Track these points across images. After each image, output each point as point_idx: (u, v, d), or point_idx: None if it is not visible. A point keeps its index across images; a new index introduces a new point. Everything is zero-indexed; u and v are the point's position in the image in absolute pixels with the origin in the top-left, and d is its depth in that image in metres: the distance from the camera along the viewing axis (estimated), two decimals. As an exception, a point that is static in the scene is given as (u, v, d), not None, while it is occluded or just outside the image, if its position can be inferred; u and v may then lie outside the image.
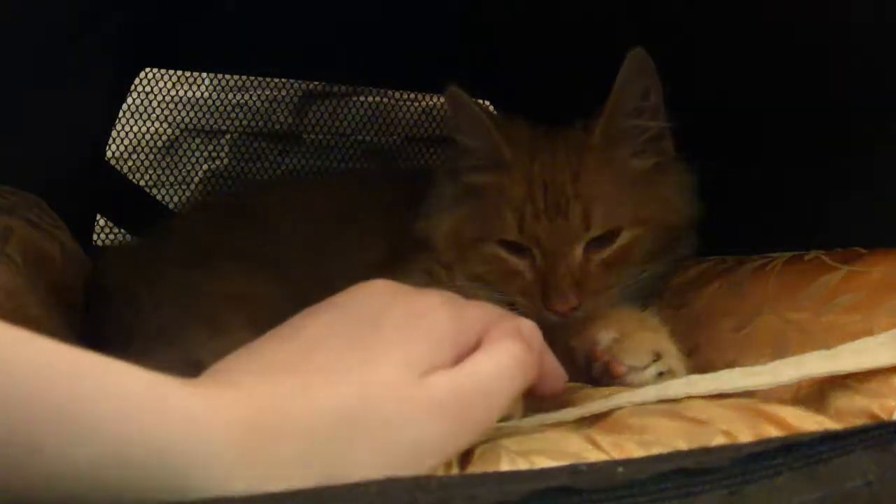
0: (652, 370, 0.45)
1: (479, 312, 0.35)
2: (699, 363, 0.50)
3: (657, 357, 0.45)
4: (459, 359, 0.32)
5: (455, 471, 0.28)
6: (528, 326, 0.36)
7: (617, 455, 0.29)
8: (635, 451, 0.30)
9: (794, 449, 0.28)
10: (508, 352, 0.33)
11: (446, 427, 0.29)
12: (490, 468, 0.27)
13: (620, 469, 0.25)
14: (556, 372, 0.38)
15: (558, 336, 0.56)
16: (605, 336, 0.48)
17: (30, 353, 0.23)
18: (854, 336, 0.41)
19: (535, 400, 0.38)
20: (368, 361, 0.30)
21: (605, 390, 0.43)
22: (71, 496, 0.23)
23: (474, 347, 0.33)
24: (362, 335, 0.31)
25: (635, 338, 0.47)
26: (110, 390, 0.24)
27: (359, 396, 0.28)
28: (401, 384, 0.29)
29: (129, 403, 0.24)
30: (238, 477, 0.25)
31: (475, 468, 0.28)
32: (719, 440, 0.31)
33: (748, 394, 0.37)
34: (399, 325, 0.32)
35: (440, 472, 0.28)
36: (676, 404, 0.37)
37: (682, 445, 0.30)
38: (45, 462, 0.22)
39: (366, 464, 0.27)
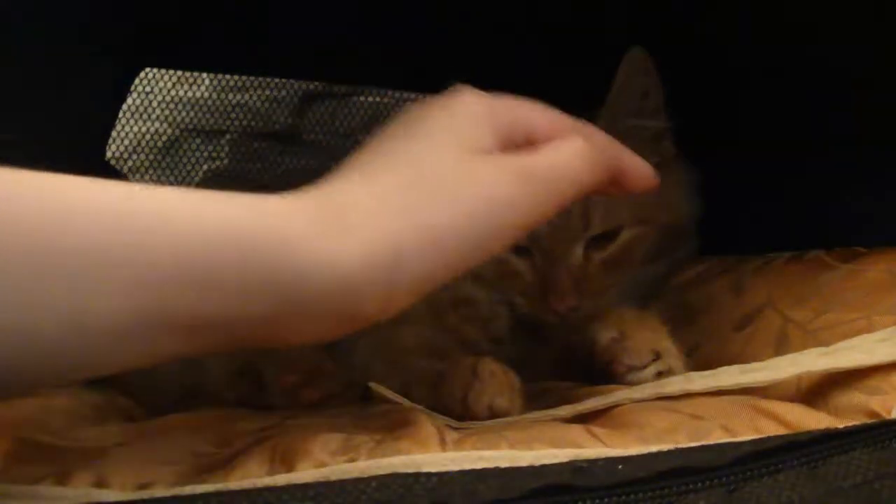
0: (651, 369, 0.45)
1: (515, 103, 0.34)
2: (699, 362, 0.50)
3: (657, 356, 0.45)
4: (506, 147, 0.32)
5: (450, 452, 0.28)
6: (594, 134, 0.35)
7: (616, 447, 0.29)
8: (634, 445, 0.30)
9: (794, 447, 0.28)
10: (575, 148, 0.32)
11: (515, 190, 0.30)
12: (490, 451, 0.27)
13: (621, 467, 0.25)
14: (639, 167, 0.38)
15: (558, 335, 0.56)
16: (604, 335, 0.48)
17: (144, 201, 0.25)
18: (854, 334, 0.41)
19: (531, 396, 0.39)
20: (422, 146, 0.30)
21: (603, 388, 0.43)
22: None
23: (523, 145, 0.33)
24: (410, 132, 0.32)
25: (635, 337, 0.47)
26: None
27: (422, 168, 0.29)
28: (459, 155, 0.30)
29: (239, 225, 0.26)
30: (323, 248, 0.26)
31: (476, 450, 0.28)
32: (718, 435, 0.31)
33: (748, 390, 0.37)
34: (440, 114, 0.32)
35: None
36: (675, 400, 0.37)
37: (681, 440, 0.30)
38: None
39: (448, 224, 0.28)
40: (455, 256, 0.28)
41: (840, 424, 0.32)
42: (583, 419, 0.37)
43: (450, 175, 0.29)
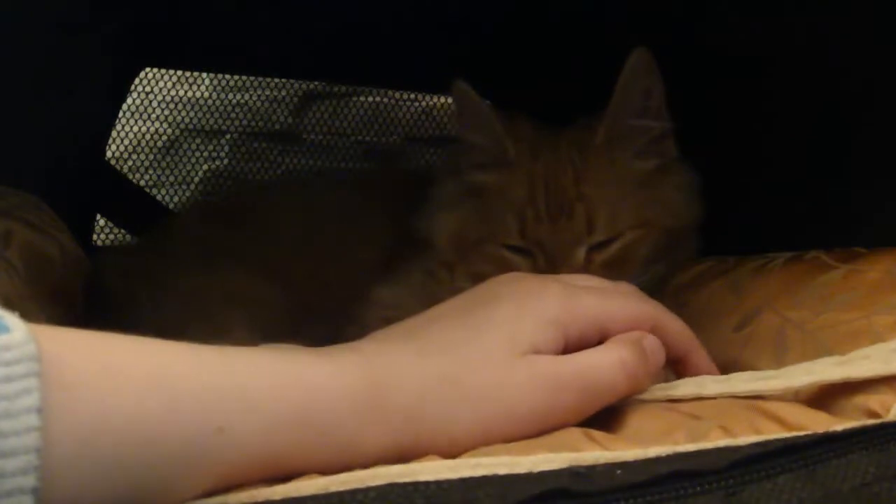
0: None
1: (595, 302, 0.37)
2: (713, 362, 0.50)
3: None
4: (571, 348, 0.34)
5: (449, 461, 0.28)
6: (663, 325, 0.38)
7: (614, 449, 0.29)
8: (631, 446, 0.30)
9: (793, 450, 0.28)
10: (619, 358, 0.34)
11: (539, 399, 0.32)
12: (488, 458, 0.27)
13: (619, 472, 0.25)
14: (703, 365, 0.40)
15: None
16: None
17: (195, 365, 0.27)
18: (853, 334, 0.41)
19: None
20: (475, 336, 0.33)
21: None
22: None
23: (594, 340, 0.35)
24: (476, 314, 0.34)
25: None
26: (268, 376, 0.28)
27: (462, 363, 0.32)
28: (500, 356, 0.32)
29: (281, 382, 0.28)
30: (363, 428, 0.29)
31: (473, 456, 0.28)
32: (716, 435, 0.31)
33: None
34: (509, 306, 0.35)
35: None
36: (675, 400, 0.37)
37: (679, 440, 0.30)
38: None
39: (466, 427, 0.31)
40: (470, 447, 0.31)
41: (839, 424, 0.32)
42: (580, 423, 0.37)
43: (485, 379, 0.32)
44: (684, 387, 0.38)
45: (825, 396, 0.37)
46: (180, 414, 0.25)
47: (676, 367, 0.40)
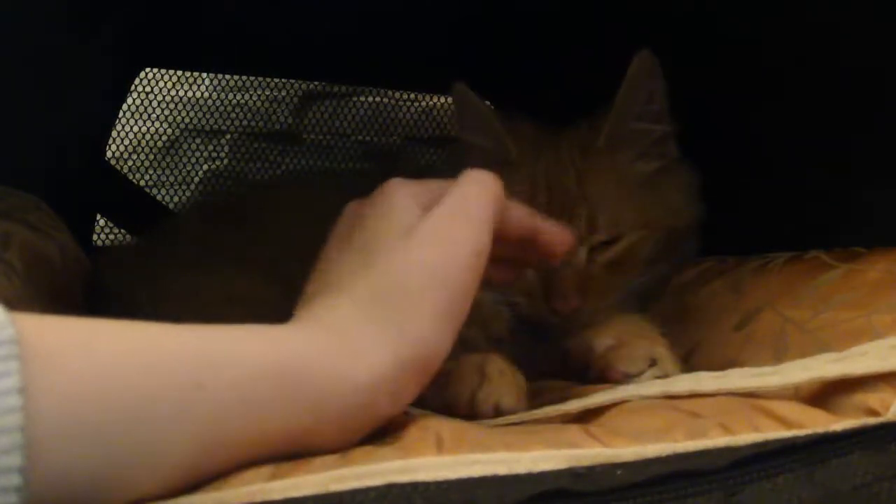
0: (648, 376, 0.45)
1: (437, 181, 0.40)
2: (699, 362, 0.50)
3: (653, 363, 0.45)
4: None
5: (447, 456, 0.28)
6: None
7: (614, 446, 0.29)
8: (630, 443, 0.29)
9: (793, 450, 0.28)
10: (464, 179, 0.38)
11: (440, 250, 0.35)
12: (486, 455, 0.27)
13: (619, 472, 0.25)
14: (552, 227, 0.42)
15: (558, 335, 0.56)
16: (600, 343, 0.48)
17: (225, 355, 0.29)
18: (852, 333, 0.41)
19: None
20: (369, 254, 0.36)
21: (608, 386, 0.43)
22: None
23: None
24: (359, 236, 0.38)
25: (631, 345, 0.47)
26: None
27: (379, 278, 0.35)
28: (394, 250, 0.35)
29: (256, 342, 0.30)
30: (339, 370, 0.31)
31: (472, 453, 0.28)
32: (716, 433, 0.31)
33: (748, 390, 0.37)
34: (374, 215, 0.38)
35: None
36: (674, 398, 0.37)
37: (679, 438, 0.30)
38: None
39: (421, 318, 0.33)
40: (446, 330, 0.34)
41: (838, 422, 0.32)
42: (580, 419, 0.37)
43: (408, 273, 0.34)
44: (682, 383, 0.38)
45: (825, 394, 0.37)
46: (158, 375, 0.26)
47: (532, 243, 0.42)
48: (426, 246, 0.35)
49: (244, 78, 0.92)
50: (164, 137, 0.92)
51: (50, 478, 0.23)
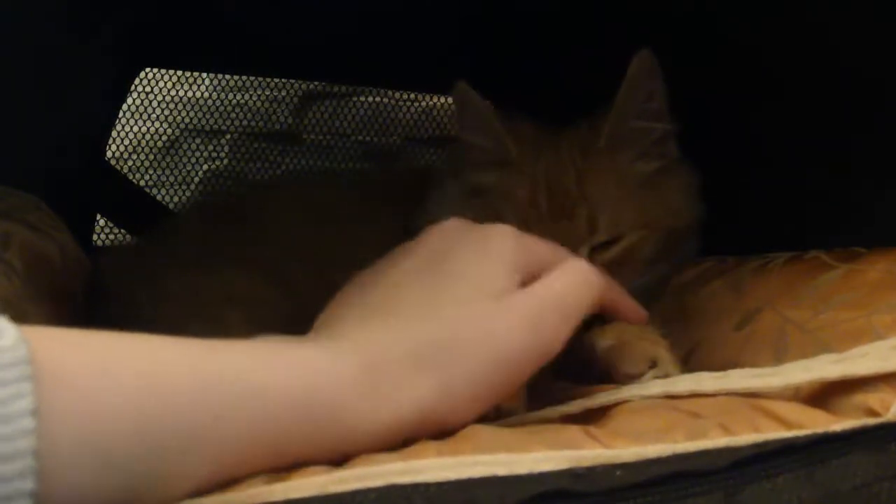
0: (649, 377, 0.45)
1: (544, 242, 0.40)
2: (699, 362, 0.50)
3: (653, 364, 0.45)
4: (527, 283, 0.36)
5: (447, 458, 0.28)
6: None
7: (612, 446, 0.29)
8: (630, 443, 0.29)
9: (793, 450, 0.28)
10: (575, 269, 0.37)
11: (526, 337, 0.33)
12: (486, 456, 0.27)
13: (619, 472, 0.25)
14: (631, 303, 0.43)
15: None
16: (601, 343, 0.48)
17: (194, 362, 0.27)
18: (852, 333, 0.41)
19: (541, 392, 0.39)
20: (446, 294, 0.34)
21: (608, 387, 0.43)
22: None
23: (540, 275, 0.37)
24: (438, 270, 0.36)
25: (631, 345, 0.46)
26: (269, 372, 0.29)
27: (445, 325, 0.33)
28: (478, 308, 0.33)
29: (278, 368, 0.29)
30: (363, 409, 0.30)
31: (472, 454, 0.28)
32: (716, 434, 0.31)
33: (748, 390, 0.37)
34: (468, 256, 0.36)
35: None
36: (674, 399, 0.37)
37: (678, 438, 0.30)
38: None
39: (464, 384, 0.32)
40: (479, 409, 0.33)
41: (838, 423, 0.32)
42: (580, 420, 0.37)
43: (480, 341, 0.33)
44: (682, 383, 0.38)
45: (825, 395, 0.37)
46: (176, 406, 0.25)
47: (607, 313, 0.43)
48: (512, 328, 0.33)
49: (244, 78, 0.92)
50: (164, 137, 0.92)
51: (57, 499, 0.23)
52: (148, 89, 0.88)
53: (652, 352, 0.46)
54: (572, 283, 0.36)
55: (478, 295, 0.34)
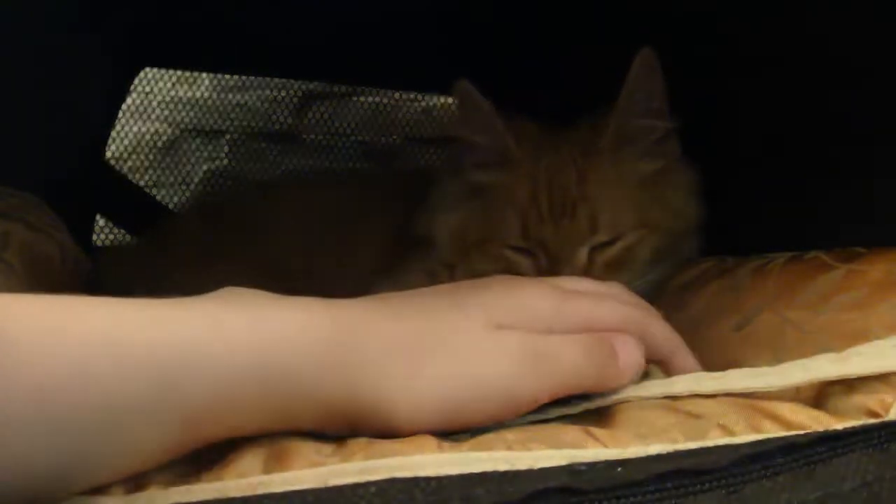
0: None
1: (586, 306, 0.37)
2: (699, 363, 0.50)
3: (646, 375, 0.45)
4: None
5: (447, 453, 0.28)
6: (657, 334, 0.39)
7: (613, 446, 0.29)
8: (631, 443, 0.29)
9: (793, 449, 0.28)
10: (585, 344, 0.35)
11: (503, 372, 0.32)
12: (487, 453, 0.27)
13: (619, 469, 0.25)
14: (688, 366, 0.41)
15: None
16: None
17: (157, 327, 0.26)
18: (852, 334, 0.41)
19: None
20: (456, 308, 0.33)
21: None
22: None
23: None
24: (461, 292, 0.35)
25: None
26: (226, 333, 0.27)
27: (434, 326, 0.32)
28: (476, 325, 0.32)
29: (238, 333, 0.27)
30: (324, 385, 0.28)
31: (473, 451, 0.28)
32: (715, 434, 0.31)
33: (747, 390, 0.37)
34: (499, 291, 0.35)
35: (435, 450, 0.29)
36: (674, 399, 0.37)
37: (678, 438, 0.30)
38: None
39: (433, 385, 0.30)
40: (458, 416, 0.31)
41: (839, 423, 0.32)
42: (580, 420, 0.37)
43: (455, 342, 0.32)
44: (682, 383, 0.38)
45: (825, 395, 0.36)
46: (129, 367, 0.25)
47: (662, 367, 0.41)
48: (497, 357, 0.32)
49: (244, 78, 0.92)
50: (164, 137, 0.92)
51: (8, 465, 0.23)
52: (148, 89, 0.88)
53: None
54: (573, 351, 0.34)
55: (483, 317, 0.33)
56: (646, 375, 0.45)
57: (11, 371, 0.23)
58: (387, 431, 0.30)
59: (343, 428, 0.30)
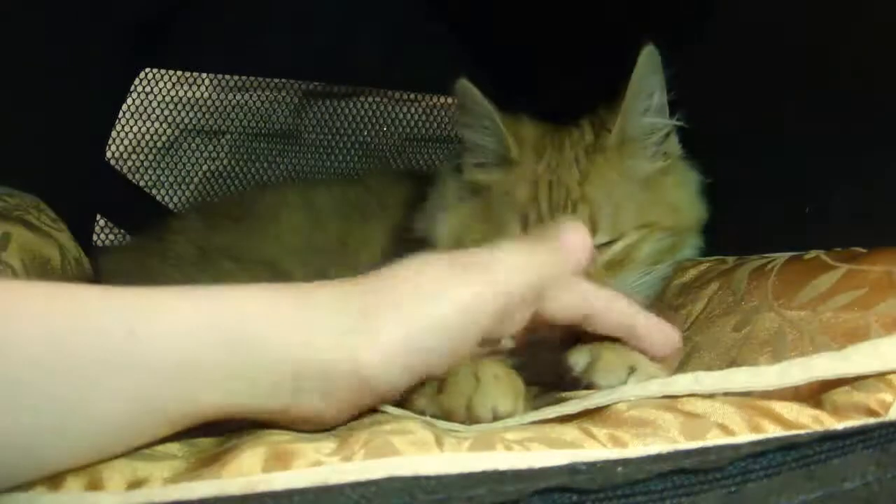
0: (632, 382, 0.44)
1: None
2: (699, 362, 0.50)
3: (632, 370, 0.45)
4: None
5: (447, 453, 0.28)
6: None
7: (613, 446, 0.29)
8: (631, 443, 0.29)
9: (793, 449, 0.28)
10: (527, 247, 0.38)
11: (447, 285, 0.35)
12: (487, 452, 0.27)
13: (620, 469, 0.25)
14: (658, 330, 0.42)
15: (556, 336, 0.56)
16: (578, 361, 0.47)
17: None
18: (851, 333, 0.41)
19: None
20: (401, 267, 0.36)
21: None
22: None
23: None
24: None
25: (607, 357, 0.46)
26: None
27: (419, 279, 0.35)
28: (422, 280, 0.35)
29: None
30: (292, 340, 0.30)
31: (473, 451, 0.28)
32: (715, 433, 0.31)
33: (746, 389, 0.37)
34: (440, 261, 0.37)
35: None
36: (674, 398, 0.37)
37: (678, 438, 0.30)
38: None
39: (392, 327, 0.32)
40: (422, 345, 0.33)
41: (838, 422, 0.32)
42: (580, 420, 0.37)
43: (432, 286, 0.34)
44: (681, 383, 0.38)
45: (824, 395, 0.37)
46: (88, 317, 0.25)
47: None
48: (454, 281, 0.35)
49: (244, 78, 0.92)
50: (164, 137, 0.92)
51: None
52: (148, 89, 0.88)
53: (628, 359, 0.45)
54: (512, 257, 0.37)
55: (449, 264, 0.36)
56: (633, 372, 0.45)
57: None
58: (363, 386, 0.31)
59: (314, 394, 0.30)
